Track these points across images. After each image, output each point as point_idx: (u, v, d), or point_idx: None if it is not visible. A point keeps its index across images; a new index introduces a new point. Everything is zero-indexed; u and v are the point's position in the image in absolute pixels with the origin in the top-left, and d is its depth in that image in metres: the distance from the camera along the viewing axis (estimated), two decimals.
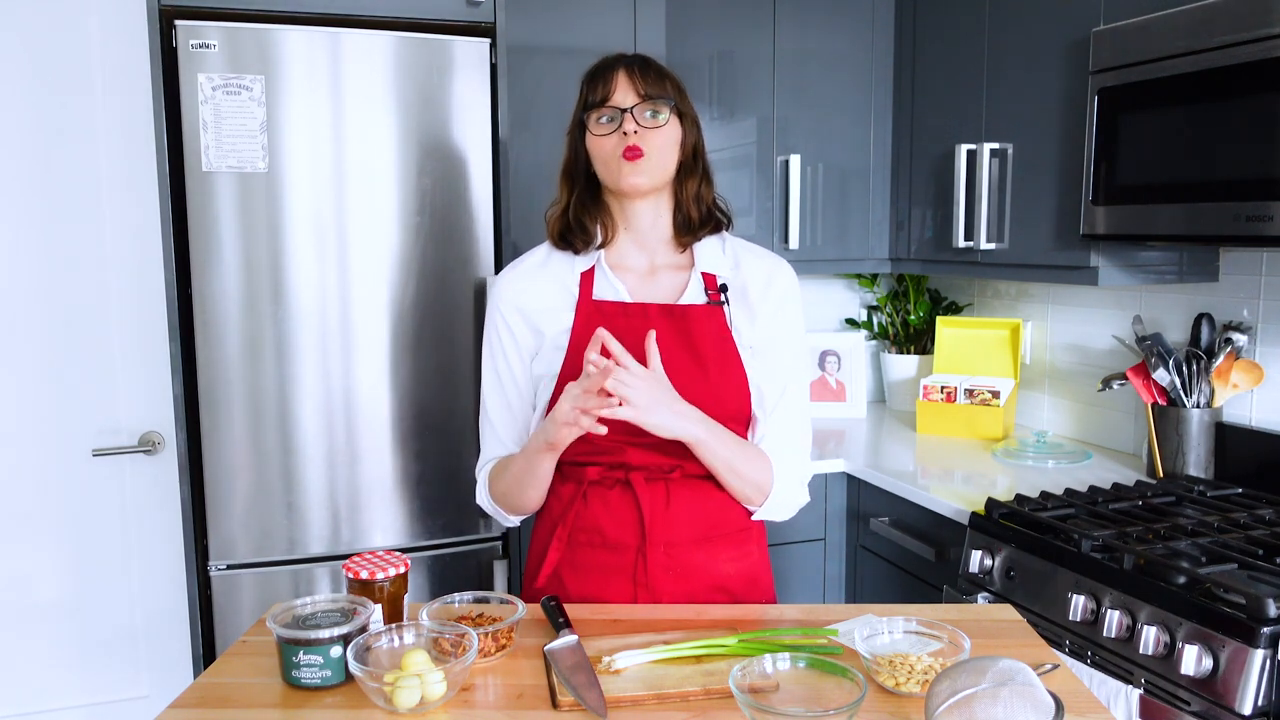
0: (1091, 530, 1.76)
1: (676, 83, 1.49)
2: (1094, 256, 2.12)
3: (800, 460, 1.52)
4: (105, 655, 2.44)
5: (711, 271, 1.51)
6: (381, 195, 2.08)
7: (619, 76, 1.45)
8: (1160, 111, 1.86)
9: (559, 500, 1.51)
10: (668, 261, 1.52)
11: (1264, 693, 1.42)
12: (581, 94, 1.49)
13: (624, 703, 1.13)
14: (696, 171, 1.51)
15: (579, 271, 1.50)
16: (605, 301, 1.48)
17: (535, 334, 1.51)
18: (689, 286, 1.50)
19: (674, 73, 1.50)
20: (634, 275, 1.51)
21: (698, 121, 1.52)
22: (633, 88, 1.44)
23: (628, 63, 1.46)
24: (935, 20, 2.62)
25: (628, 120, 1.43)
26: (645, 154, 1.43)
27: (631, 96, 1.44)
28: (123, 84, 2.29)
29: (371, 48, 2.04)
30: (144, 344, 2.37)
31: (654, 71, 1.47)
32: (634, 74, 1.45)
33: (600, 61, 1.49)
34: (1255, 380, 2.10)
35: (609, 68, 1.47)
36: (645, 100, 1.44)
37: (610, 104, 1.44)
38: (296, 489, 2.09)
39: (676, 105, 1.47)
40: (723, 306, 1.48)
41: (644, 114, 1.44)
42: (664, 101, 1.45)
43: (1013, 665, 1.01)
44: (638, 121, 1.43)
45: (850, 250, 2.82)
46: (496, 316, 1.54)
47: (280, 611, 1.23)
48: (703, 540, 1.47)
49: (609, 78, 1.45)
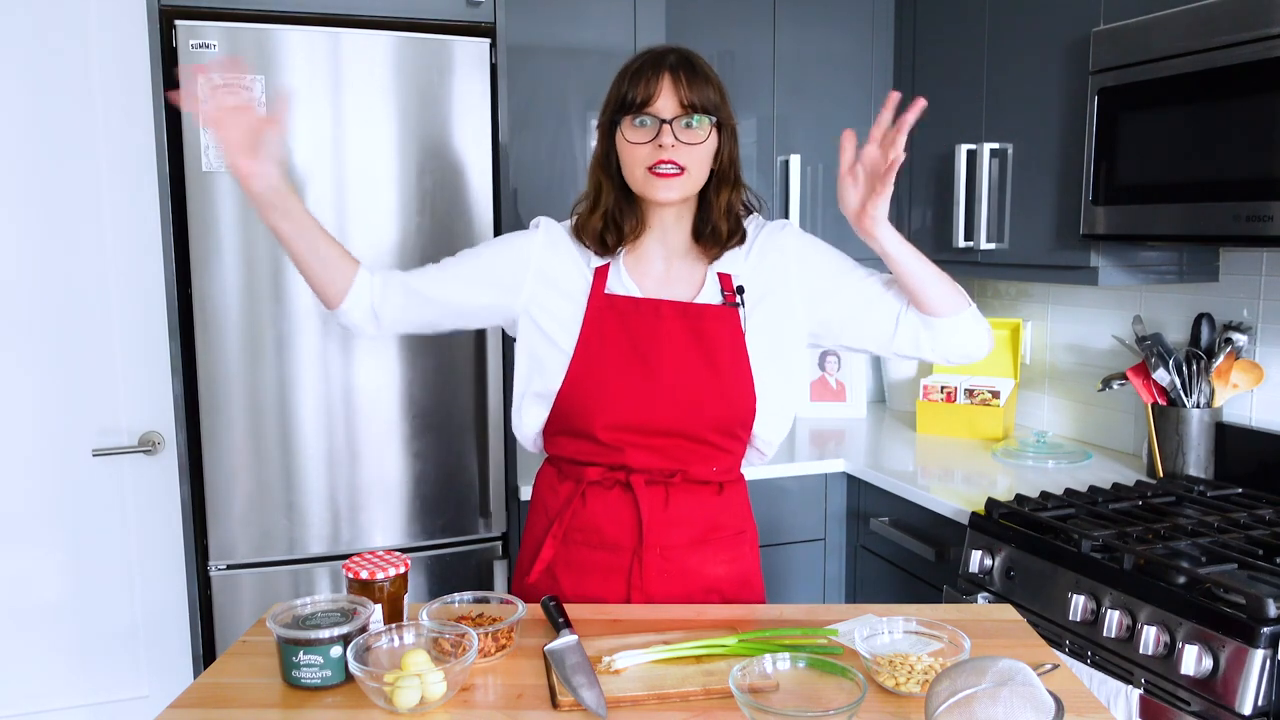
0: (1091, 530, 1.76)
1: (720, 88, 1.41)
2: (1094, 256, 2.12)
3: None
4: (105, 655, 2.44)
5: (728, 271, 1.47)
6: (381, 195, 2.08)
7: (664, 82, 1.36)
8: (1160, 111, 1.86)
9: (556, 497, 1.50)
10: (685, 259, 1.48)
11: (1264, 693, 1.42)
12: (618, 89, 1.40)
13: (624, 703, 1.13)
14: (729, 180, 1.44)
15: (594, 266, 1.47)
16: (618, 296, 1.45)
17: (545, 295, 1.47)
18: (705, 285, 1.47)
19: (717, 75, 1.42)
20: (650, 270, 1.48)
21: (735, 129, 1.45)
22: (676, 96, 1.36)
23: (674, 65, 1.37)
24: (935, 20, 2.62)
25: (665, 133, 1.35)
26: (680, 173, 1.37)
27: (673, 106, 1.36)
28: (123, 84, 2.29)
29: (371, 48, 2.04)
30: (144, 344, 2.36)
31: (700, 77, 1.38)
32: (679, 80, 1.36)
33: (644, 58, 1.40)
34: (1255, 380, 2.10)
35: (653, 68, 1.37)
36: (687, 111, 1.36)
37: (649, 110, 1.36)
38: (296, 489, 2.09)
39: (718, 117, 1.39)
40: (738, 309, 1.45)
41: (682, 125, 1.36)
42: (706, 114, 1.37)
43: (1013, 665, 1.01)
44: (676, 135, 1.36)
45: (850, 250, 2.76)
46: (528, 236, 1.49)
47: (280, 611, 1.23)
48: (698, 543, 1.47)
49: (652, 81, 1.36)
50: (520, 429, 1.52)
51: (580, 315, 1.45)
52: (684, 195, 1.41)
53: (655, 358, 1.42)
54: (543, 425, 1.49)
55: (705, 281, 1.47)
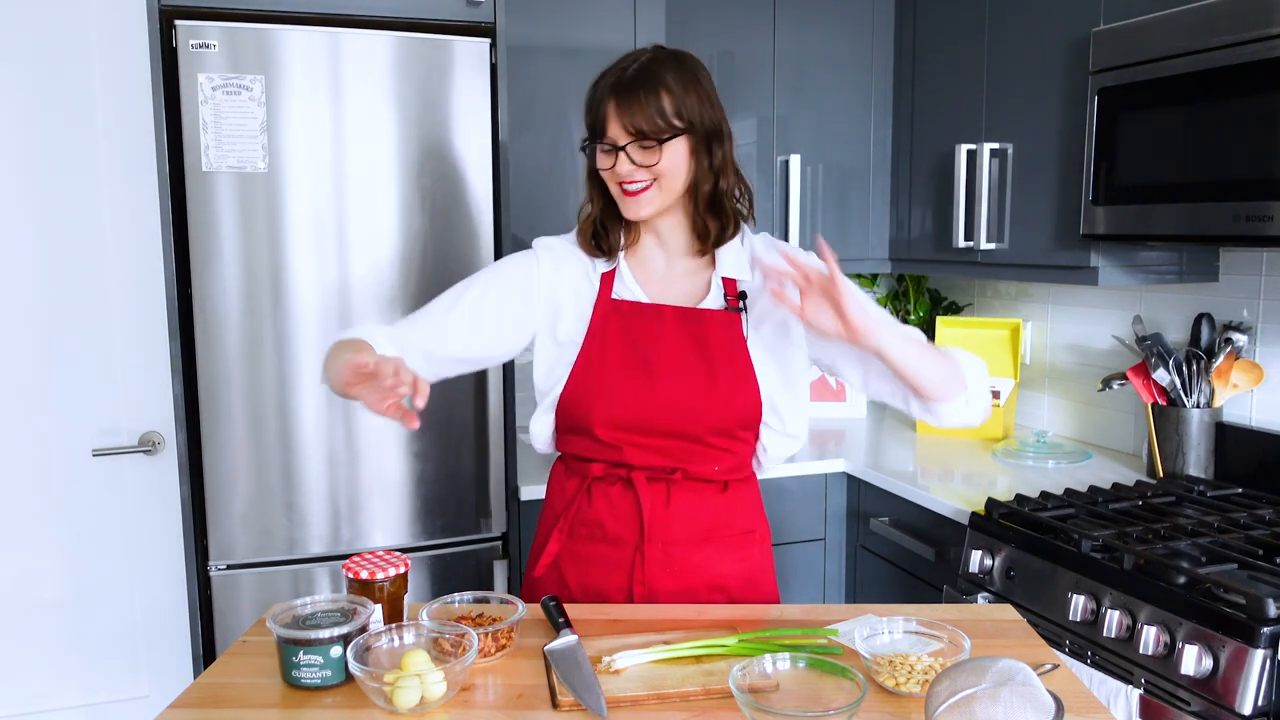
0: (1091, 530, 1.76)
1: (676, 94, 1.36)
2: (1094, 256, 2.12)
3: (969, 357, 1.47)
4: (105, 655, 2.44)
5: (732, 276, 1.48)
6: (381, 195, 2.08)
7: (609, 110, 1.37)
8: (1160, 111, 1.86)
9: (563, 493, 1.53)
10: (689, 263, 1.50)
11: (1264, 693, 1.42)
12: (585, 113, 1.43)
13: (624, 703, 1.13)
14: (710, 180, 1.42)
15: (600, 271, 1.50)
16: (623, 301, 1.48)
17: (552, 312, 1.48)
18: (709, 292, 1.49)
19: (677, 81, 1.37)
20: (654, 276, 1.50)
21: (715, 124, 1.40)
22: (621, 125, 1.36)
23: (617, 93, 1.36)
24: (935, 20, 2.62)
25: (621, 160, 1.37)
26: (647, 187, 1.39)
27: (623, 134, 1.36)
28: (123, 84, 2.29)
29: (371, 48, 2.04)
30: (144, 344, 2.36)
31: (645, 97, 1.35)
32: (622, 109, 1.36)
33: (594, 84, 1.41)
34: (1255, 380, 2.10)
35: (602, 93, 1.39)
36: (636, 137, 1.36)
37: (606, 139, 1.39)
38: (296, 489, 2.09)
39: (676, 130, 1.37)
40: (740, 314, 1.47)
41: (637, 150, 1.37)
42: (657, 136, 1.36)
43: (1013, 665, 1.01)
44: (633, 160, 1.37)
45: (850, 250, 2.82)
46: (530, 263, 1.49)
47: (280, 611, 1.23)
48: (703, 541, 1.48)
49: (600, 107, 1.38)
50: (533, 436, 1.55)
51: (588, 319, 1.48)
52: (658, 208, 1.43)
53: (655, 360, 1.44)
54: (553, 429, 1.53)
55: (711, 287, 1.49)
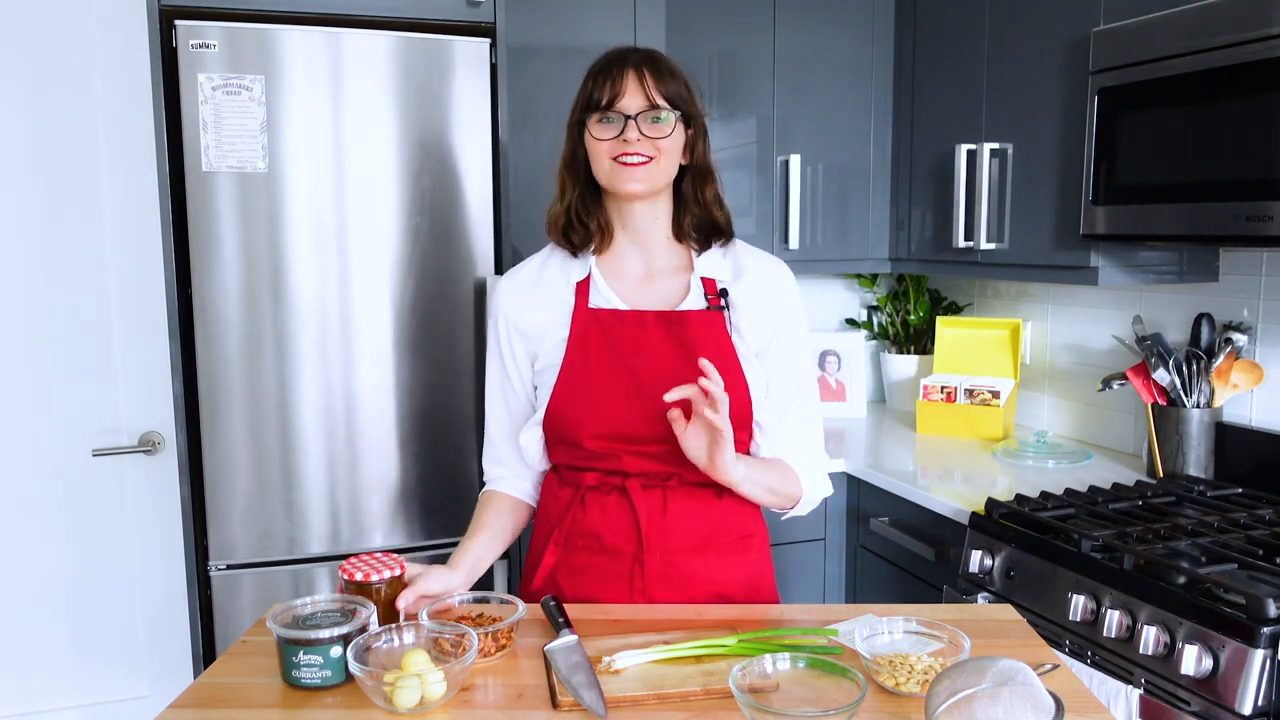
0: (1091, 530, 1.76)
1: (687, 83, 1.42)
2: (1094, 256, 2.12)
3: (820, 456, 1.53)
4: (105, 655, 2.44)
5: (711, 276, 1.47)
6: (381, 195, 2.08)
7: (628, 79, 1.38)
8: (1160, 111, 1.86)
9: (557, 503, 1.49)
10: (667, 264, 1.49)
11: (1264, 693, 1.42)
12: (585, 89, 1.41)
13: (624, 703, 1.13)
14: (698, 175, 1.46)
15: (574, 282, 1.47)
16: (602, 310, 1.45)
17: (534, 345, 1.49)
18: (689, 292, 1.46)
19: (683, 71, 1.43)
20: (631, 281, 1.48)
21: (703, 124, 1.46)
22: (642, 92, 1.37)
23: (637, 63, 1.39)
24: (935, 20, 2.62)
25: (630, 128, 1.37)
26: (646, 162, 1.39)
27: (639, 101, 1.37)
28: (123, 84, 2.29)
29: (371, 48, 2.04)
30: (144, 344, 2.37)
31: (665, 73, 1.40)
32: (644, 76, 1.38)
33: (608, 57, 1.42)
34: (1255, 380, 2.10)
35: (618, 66, 1.39)
36: (652, 107, 1.38)
37: (615, 108, 1.37)
38: (296, 489, 2.09)
39: (684, 111, 1.41)
40: (723, 312, 1.45)
41: (648, 121, 1.38)
42: (672, 108, 1.39)
43: (1013, 665, 1.01)
44: (641, 130, 1.37)
45: (850, 250, 2.82)
46: (499, 325, 1.52)
47: (280, 611, 1.23)
48: (702, 549, 1.45)
49: (617, 79, 1.38)
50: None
51: (566, 333, 1.45)
52: (651, 186, 1.41)
53: (640, 368, 1.42)
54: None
55: (690, 287, 1.47)
